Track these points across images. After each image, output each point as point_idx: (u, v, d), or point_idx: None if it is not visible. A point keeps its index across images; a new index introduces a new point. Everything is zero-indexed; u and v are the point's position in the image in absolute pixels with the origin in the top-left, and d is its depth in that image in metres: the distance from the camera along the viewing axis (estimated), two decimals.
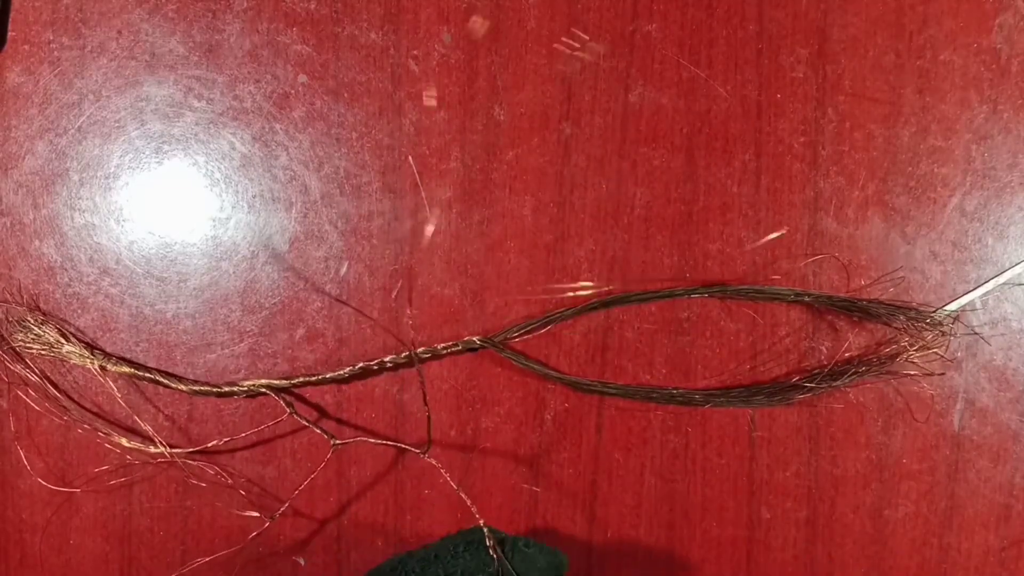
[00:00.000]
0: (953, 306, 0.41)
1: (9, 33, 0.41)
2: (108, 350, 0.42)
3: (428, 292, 0.42)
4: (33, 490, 0.42)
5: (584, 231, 0.42)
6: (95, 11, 0.41)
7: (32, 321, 0.41)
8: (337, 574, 0.43)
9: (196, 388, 0.41)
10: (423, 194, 0.41)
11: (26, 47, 0.41)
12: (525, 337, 0.41)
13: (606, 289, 0.42)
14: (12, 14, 0.41)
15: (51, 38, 0.41)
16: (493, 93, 0.41)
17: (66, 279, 0.42)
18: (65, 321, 0.41)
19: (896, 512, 0.42)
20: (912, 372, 0.41)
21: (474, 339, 0.41)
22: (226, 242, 0.42)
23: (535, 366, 0.41)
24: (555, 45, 0.39)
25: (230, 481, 0.42)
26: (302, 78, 0.41)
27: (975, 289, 0.41)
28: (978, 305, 0.42)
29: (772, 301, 0.41)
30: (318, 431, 0.41)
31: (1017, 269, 0.42)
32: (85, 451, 0.42)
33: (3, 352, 0.41)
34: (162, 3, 0.41)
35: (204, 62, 0.41)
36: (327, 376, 0.41)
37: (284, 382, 0.41)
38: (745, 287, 0.41)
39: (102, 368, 0.41)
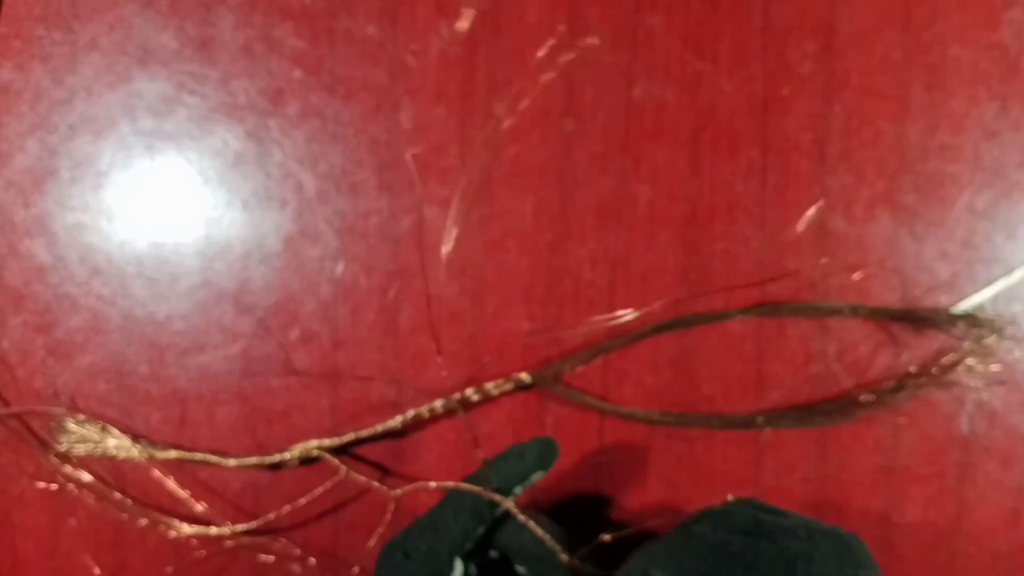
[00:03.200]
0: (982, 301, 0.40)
1: (0, 28, 0.41)
2: (98, 354, 0.41)
3: (426, 293, 0.41)
4: (24, 494, 0.42)
5: (586, 230, 0.41)
6: (87, 6, 0.41)
7: (74, 422, 0.41)
8: (337, 574, 0.42)
9: (245, 462, 0.40)
10: (420, 192, 0.41)
11: (17, 42, 0.41)
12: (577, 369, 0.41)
13: (646, 311, 0.41)
14: (3, 9, 0.41)
15: (42, 33, 0.41)
16: (493, 88, 0.41)
17: (56, 279, 0.41)
18: (109, 419, 0.41)
19: (904, 517, 0.42)
20: (973, 382, 0.41)
21: (523, 377, 0.40)
22: (219, 241, 0.41)
23: (593, 401, 0.41)
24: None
25: (298, 552, 0.41)
26: (297, 73, 0.41)
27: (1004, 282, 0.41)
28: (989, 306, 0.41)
29: (829, 317, 0.40)
30: (376, 485, 0.40)
31: None
32: (141, 549, 0.42)
33: (53, 457, 0.41)
34: None
35: (197, 57, 0.41)
36: (379, 430, 0.40)
37: (335, 441, 0.40)
38: (799, 304, 0.40)
39: (150, 457, 0.40)
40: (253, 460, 0.40)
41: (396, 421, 0.40)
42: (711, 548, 0.28)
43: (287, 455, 0.40)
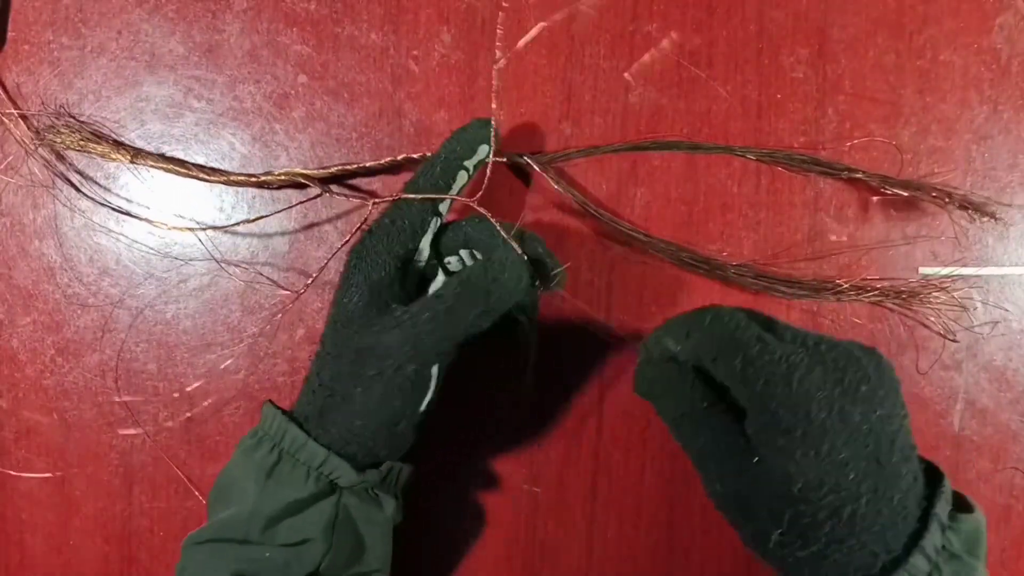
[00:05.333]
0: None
1: (9, 33, 0.41)
2: (107, 351, 0.42)
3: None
4: (33, 490, 0.43)
5: (584, 231, 0.42)
6: (95, 11, 0.41)
7: (62, 124, 0.40)
8: None
9: (233, 179, 0.40)
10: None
11: (26, 47, 0.41)
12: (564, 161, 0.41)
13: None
14: (12, 14, 0.41)
15: (51, 38, 0.41)
16: (493, 90, 0.41)
17: (66, 280, 0.42)
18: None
19: None
20: (928, 318, 0.41)
21: (522, 156, 0.40)
22: (226, 242, 0.42)
23: (575, 193, 0.40)
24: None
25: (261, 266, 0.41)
26: (302, 78, 0.41)
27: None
28: (977, 300, 0.42)
29: (824, 175, 0.41)
30: (356, 199, 0.40)
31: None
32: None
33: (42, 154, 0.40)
34: (162, 3, 0.41)
35: (204, 62, 0.41)
36: (367, 164, 0.40)
37: (321, 171, 0.40)
38: (799, 155, 0.41)
39: (132, 161, 0.40)
40: (240, 177, 0.40)
41: (384, 161, 0.40)
42: (723, 331, 0.29)
43: (273, 174, 0.40)
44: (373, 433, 0.32)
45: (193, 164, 0.41)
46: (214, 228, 0.41)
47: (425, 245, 0.35)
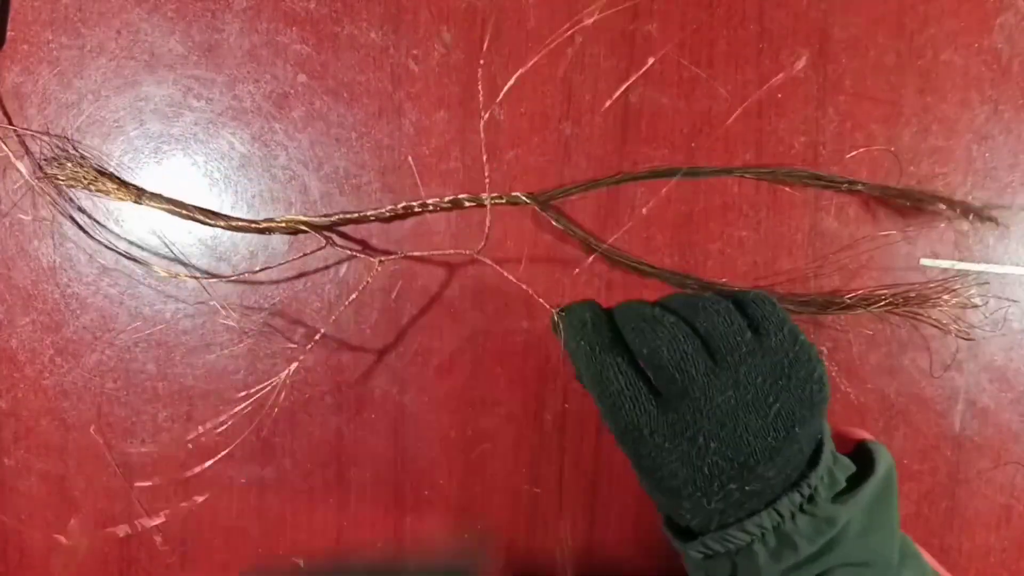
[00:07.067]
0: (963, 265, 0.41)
1: (8, 32, 0.41)
2: (107, 351, 0.42)
3: (428, 293, 0.42)
4: (32, 490, 0.42)
5: (585, 230, 0.42)
6: (94, 11, 0.41)
7: (69, 156, 0.40)
8: (337, 574, 0.43)
9: (234, 224, 0.40)
10: (422, 194, 0.41)
11: (25, 46, 0.41)
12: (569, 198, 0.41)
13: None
14: (11, 13, 0.41)
15: (50, 38, 0.41)
16: (493, 93, 0.41)
17: (65, 279, 0.42)
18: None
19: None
20: (940, 322, 0.41)
21: (520, 195, 0.40)
22: (225, 242, 0.42)
23: (576, 231, 0.41)
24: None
25: (264, 315, 0.42)
26: (301, 78, 0.41)
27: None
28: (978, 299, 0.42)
29: (825, 188, 0.41)
30: (362, 256, 0.40)
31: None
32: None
33: (43, 185, 0.40)
34: (161, 3, 0.41)
35: (203, 62, 0.41)
36: (368, 213, 0.40)
37: (323, 219, 0.40)
38: (799, 170, 0.41)
39: (136, 202, 0.40)
40: (242, 222, 0.40)
41: (385, 210, 0.40)
42: (718, 311, 0.29)
43: (275, 221, 0.40)
44: None
45: (195, 207, 0.41)
46: (214, 277, 0.41)
47: None
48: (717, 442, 0.27)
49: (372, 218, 0.41)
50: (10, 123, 0.40)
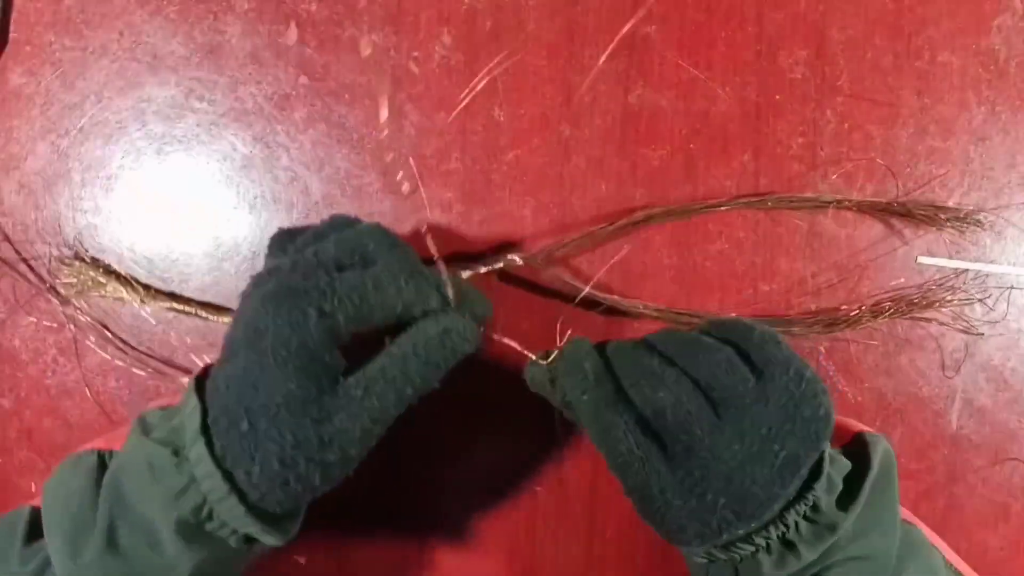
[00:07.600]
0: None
1: (11, 34, 0.41)
2: (109, 350, 0.42)
3: None
4: (35, 491, 0.43)
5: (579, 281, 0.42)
6: (97, 13, 0.41)
7: (72, 262, 0.41)
8: (337, 574, 0.43)
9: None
10: (423, 195, 0.41)
11: (28, 48, 0.41)
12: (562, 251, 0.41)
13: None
14: (14, 15, 0.41)
15: (53, 39, 0.41)
16: (493, 94, 0.41)
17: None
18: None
19: None
20: (949, 321, 0.42)
21: (515, 257, 0.39)
22: (228, 243, 0.42)
23: (571, 280, 0.40)
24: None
25: None
26: (303, 79, 0.41)
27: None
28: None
29: (816, 209, 0.41)
30: None
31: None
32: None
33: (54, 296, 0.41)
34: (164, 5, 0.41)
35: (206, 63, 0.41)
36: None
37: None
38: (788, 196, 0.41)
39: (142, 302, 0.41)
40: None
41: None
42: (719, 361, 0.29)
43: None
44: None
45: (201, 303, 0.41)
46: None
47: None
48: (726, 497, 0.27)
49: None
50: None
